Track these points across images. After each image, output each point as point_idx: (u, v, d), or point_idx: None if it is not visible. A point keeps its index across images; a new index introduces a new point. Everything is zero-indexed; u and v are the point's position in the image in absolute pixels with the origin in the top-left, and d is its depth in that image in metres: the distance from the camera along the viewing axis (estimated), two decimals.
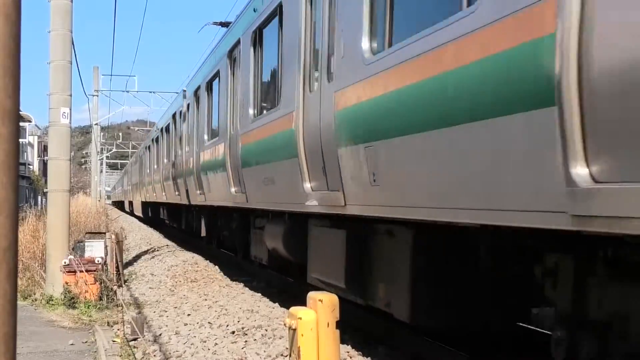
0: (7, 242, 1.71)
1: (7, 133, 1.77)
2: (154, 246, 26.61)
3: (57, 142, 14.67)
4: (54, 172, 14.66)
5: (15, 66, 1.89)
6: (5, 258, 1.71)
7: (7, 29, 1.84)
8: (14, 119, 1.83)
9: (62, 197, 14.55)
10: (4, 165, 1.76)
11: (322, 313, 4.40)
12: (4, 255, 1.71)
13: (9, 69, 1.86)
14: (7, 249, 1.72)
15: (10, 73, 1.88)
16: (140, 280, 17.49)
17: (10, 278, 1.75)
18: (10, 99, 1.84)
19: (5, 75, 1.85)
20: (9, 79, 1.87)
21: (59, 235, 14.27)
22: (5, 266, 1.71)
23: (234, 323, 10.96)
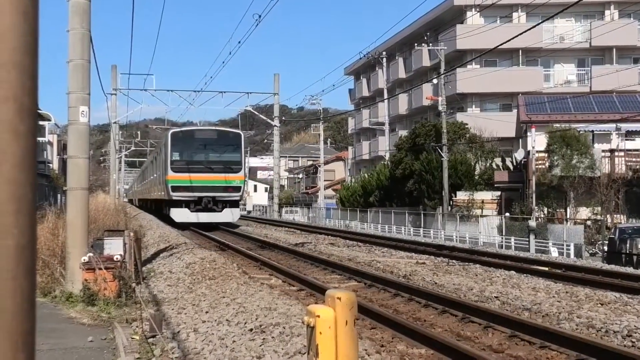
0: (25, 240, 1.71)
1: (25, 130, 1.77)
2: (172, 244, 26.70)
3: (76, 141, 14.75)
4: (73, 170, 14.74)
5: (32, 64, 1.89)
6: (23, 255, 1.71)
7: (24, 26, 1.84)
8: (32, 117, 1.84)
9: (81, 195, 14.63)
10: (23, 163, 1.76)
11: (341, 311, 4.39)
12: (22, 252, 1.71)
13: (26, 66, 1.87)
14: (26, 247, 1.72)
15: (28, 71, 1.88)
16: (159, 278, 17.54)
17: (29, 275, 1.76)
18: (28, 97, 1.84)
19: (23, 72, 1.85)
20: (27, 77, 1.87)
21: (78, 233, 14.35)
22: (23, 263, 1.71)
23: (252, 320, 10.97)
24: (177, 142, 39.40)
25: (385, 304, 14.53)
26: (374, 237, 35.90)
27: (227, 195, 39.09)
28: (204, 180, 38.48)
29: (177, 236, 31.17)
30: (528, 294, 14.99)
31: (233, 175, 39.17)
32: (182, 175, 38.30)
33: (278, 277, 18.69)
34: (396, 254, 25.82)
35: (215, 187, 38.69)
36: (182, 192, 38.35)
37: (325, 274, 19.74)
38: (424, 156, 49.20)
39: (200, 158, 39.25)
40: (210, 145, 39.75)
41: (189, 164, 38.87)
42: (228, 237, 34.04)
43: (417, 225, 45.74)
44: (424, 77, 63.80)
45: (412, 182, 50.25)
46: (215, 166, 39.13)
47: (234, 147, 39.94)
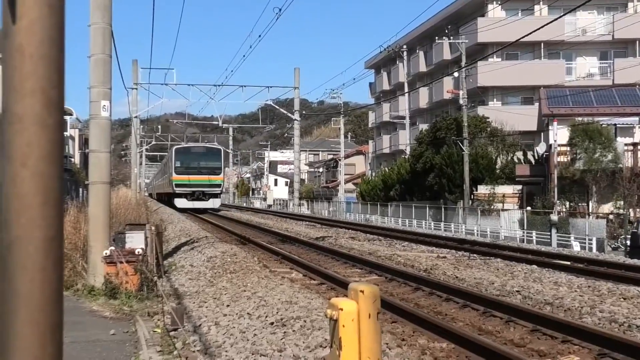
0: (53, 232, 1.72)
1: (52, 124, 1.78)
2: (193, 238, 26.79)
3: (98, 135, 14.83)
4: (94, 164, 14.82)
5: (59, 56, 1.89)
6: (52, 247, 1.72)
7: (51, 19, 1.85)
8: (59, 110, 1.84)
9: (102, 189, 14.71)
10: (50, 156, 1.77)
11: (364, 304, 4.38)
12: (51, 244, 1.72)
13: (53, 59, 1.87)
14: (54, 239, 1.73)
15: (54, 64, 1.88)
16: (180, 272, 17.61)
17: (57, 267, 1.76)
18: (55, 90, 1.85)
19: (50, 65, 1.85)
20: (54, 70, 1.87)
21: (99, 227, 14.43)
22: (51, 256, 1.72)
23: (273, 314, 10.99)
24: (178, 154, 59.70)
25: (406, 297, 14.51)
26: (394, 231, 35.86)
27: (211, 189, 59.41)
28: (196, 180, 58.34)
29: (198, 230, 31.28)
30: (550, 288, 14.92)
31: (215, 177, 59.49)
32: (182, 177, 58.30)
33: (299, 270, 18.71)
34: (417, 248, 25.77)
35: (203, 184, 58.77)
36: (182, 188, 58.39)
37: (345, 268, 19.74)
38: (445, 150, 49.04)
39: (194, 165, 59.02)
40: (200, 157, 60.05)
41: (186, 169, 58.74)
42: (248, 231, 34.13)
43: (437, 220, 45.61)
44: (444, 71, 63.55)
45: (432, 176, 50.11)
46: (203, 170, 58.82)
47: (216, 157, 60.58)
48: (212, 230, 34.98)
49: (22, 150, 1.76)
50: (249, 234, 31.12)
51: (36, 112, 1.81)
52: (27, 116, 1.81)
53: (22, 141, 1.77)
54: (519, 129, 51.90)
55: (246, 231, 34.06)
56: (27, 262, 1.77)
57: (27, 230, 1.73)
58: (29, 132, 1.79)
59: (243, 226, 39.25)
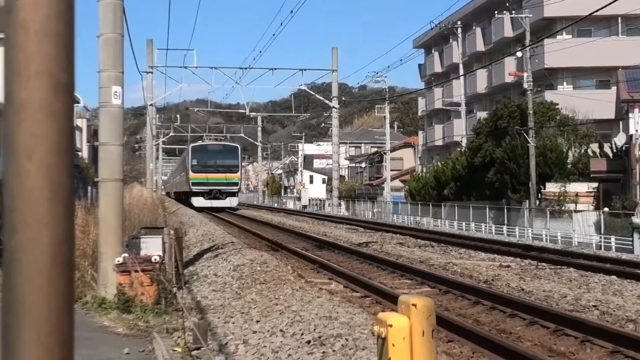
0: (63, 234, 1.72)
1: (61, 110, 1.78)
2: (218, 243, 26.93)
3: (109, 126, 14.94)
4: (105, 158, 14.94)
5: (68, 34, 1.90)
6: (61, 252, 1.71)
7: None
8: (69, 95, 1.85)
9: (114, 187, 14.82)
10: (58, 146, 1.77)
11: (416, 320, 4.36)
12: (59, 248, 1.72)
13: (62, 37, 1.87)
14: (63, 242, 1.73)
15: (63, 42, 1.88)
16: (203, 282, 17.71)
17: (67, 275, 1.77)
18: (64, 72, 1.85)
19: (58, 44, 1.85)
20: (62, 49, 1.87)
21: (111, 231, 14.54)
22: (61, 261, 1.72)
23: (309, 331, 11.00)
24: (195, 152, 67.78)
25: (464, 313, 14.44)
26: (449, 235, 35.72)
27: (228, 188, 66.80)
28: (213, 178, 65.54)
29: (223, 234, 31.44)
30: (632, 303, 14.76)
31: (232, 175, 66.74)
32: (199, 175, 65.79)
33: (339, 281, 18.72)
34: (475, 256, 25.64)
35: (221, 182, 66.05)
36: (199, 186, 65.83)
37: (393, 278, 19.71)
38: (507, 142, 48.71)
39: (211, 163, 66.64)
40: (217, 155, 67.65)
41: (203, 167, 66.35)
42: (280, 236, 34.23)
43: (499, 222, 45.35)
44: (505, 50, 63.10)
45: (493, 171, 49.82)
46: (220, 168, 66.21)
47: (233, 155, 68.31)
48: (239, 234, 35.14)
49: (27, 141, 1.77)
50: (281, 239, 31.22)
51: (42, 98, 1.81)
52: (32, 102, 1.81)
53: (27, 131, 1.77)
54: (593, 117, 51.40)
55: (278, 236, 34.16)
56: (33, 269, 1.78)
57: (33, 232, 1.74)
58: (34, 121, 1.80)
59: (274, 230, 39.39)
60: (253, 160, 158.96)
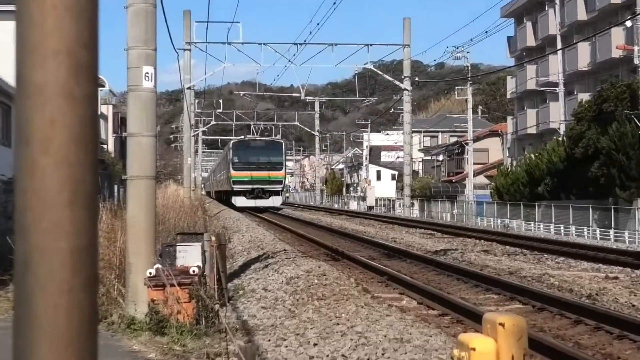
0: (84, 241, 1.72)
1: (83, 95, 1.79)
2: (268, 251, 27.05)
3: (139, 113, 15.07)
4: (135, 152, 15.07)
5: (92, 6, 1.91)
6: (82, 262, 1.72)
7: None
8: (92, 77, 1.86)
9: (145, 186, 14.95)
10: (80, 138, 1.78)
11: (505, 341, 4.33)
12: (80, 257, 1.72)
13: (84, 9, 1.88)
14: (85, 250, 1.73)
15: (85, 16, 1.89)
16: (250, 298, 17.80)
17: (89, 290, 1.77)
18: (86, 50, 1.86)
19: (80, 17, 1.86)
20: (84, 24, 1.88)
21: (142, 237, 14.66)
22: (82, 273, 1.72)
23: (376, 356, 10.99)
24: (237, 149, 75.86)
25: (563, 334, 14.32)
26: (544, 241, 35.47)
27: (271, 186, 74.52)
28: (256, 176, 72.96)
29: (273, 241, 31.59)
30: None
31: (276, 172, 74.61)
32: (241, 173, 73.34)
33: (411, 296, 18.69)
34: (576, 265, 25.42)
35: (263, 180, 73.50)
36: (241, 185, 73.62)
37: (476, 293, 19.62)
38: (615, 129, 48.13)
39: (253, 160, 74.33)
40: (260, 151, 75.62)
41: (245, 164, 73.92)
42: (342, 243, 34.30)
43: (605, 225, 44.88)
44: (612, 19, 62.35)
45: (597, 165, 49.27)
46: (263, 166, 73.96)
47: (277, 152, 76.81)
48: (293, 240, 35.27)
49: (43, 132, 1.78)
50: (342, 247, 31.28)
51: (61, 80, 1.82)
52: (49, 85, 1.83)
53: (42, 119, 1.79)
54: None
55: (339, 242, 34.23)
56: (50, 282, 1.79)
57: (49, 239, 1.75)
58: (51, 107, 1.81)
59: (334, 235, 39.49)
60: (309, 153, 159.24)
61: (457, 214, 68.06)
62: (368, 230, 43.32)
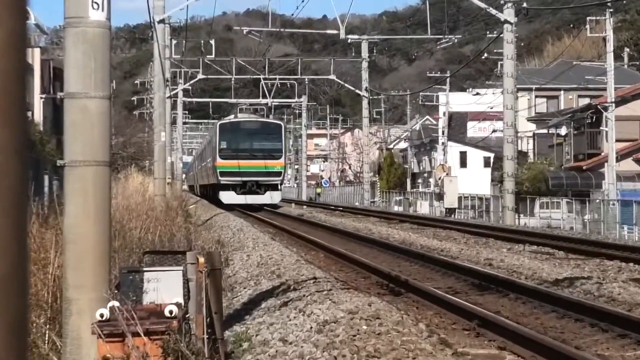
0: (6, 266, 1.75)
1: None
2: (288, 279, 27.09)
3: (83, 62, 15.07)
4: (77, 124, 15.07)
5: None
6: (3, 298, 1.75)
7: None
8: (16, 17, 1.90)
9: (94, 177, 14.91)
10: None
11: None
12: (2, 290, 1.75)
13: None
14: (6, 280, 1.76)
15: None
16: (260, 355, 17.87)
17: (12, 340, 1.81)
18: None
19: None
20: None
21: (88, 258, 14.67)
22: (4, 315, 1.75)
23: None
24: (224, 132, 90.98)
25: None
26: None
27: (268, 179, 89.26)
28: (249, 166, 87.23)
29: (296, 263, 31.52)
30: None
31: (273, 162, 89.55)
32: (229, 162, 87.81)
33: (518, 353, 18.68)
34: None
35: (258, 172, 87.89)
36: (230, 177, 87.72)
37: (623, 347, 19.57)
38: None
39: (245, 146, 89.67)
40: (253, 135, 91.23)
41: (235, 151, 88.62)
42: (404, 266, 34.34)
43: None
44: None
45: None
46: (258, 153, 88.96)
47: (275, 136, 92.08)
48: (327, 262, 35.27)
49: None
50: (405, 273, 31.22)
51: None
52: None
53: None
54: None
55: (400, 266, 34.20)
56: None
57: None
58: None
59: (393, 255, 39.30)
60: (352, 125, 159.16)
61: (591, 221, 67.89)
62: (446, 246, 43.06)
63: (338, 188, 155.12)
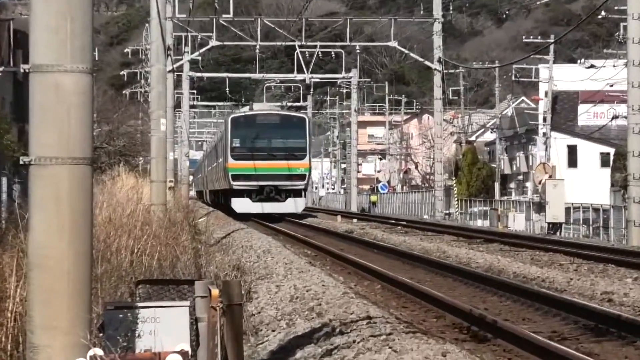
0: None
1: None
2: (332, 318, 27.15)
3: (55, 22, 15.09)
4: (47, 108, 15.08)
5: None
6: None
7: None
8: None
9: (70, 180, 14.91)
10: None
11: None
12: None
13: None
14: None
15: None
16: None
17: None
18: None
19: None
20: None
21: (62, 289, 14.70)
22: None
23: None
24: (237, 127, 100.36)
25: None
26: None
27: (290, 183, 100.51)
28: (267, 167, 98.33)
29: (343, 297, 31.61)
30: None
31: (297, 163, 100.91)
32: (243, 163, 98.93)
33: None
34: None
35: (278, 174, 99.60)
36: (243, 181, 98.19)
37: None
38: None
39: (262, 144, 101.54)
40: (272, 130, 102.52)
41: (250, 150, 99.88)
42: (490, 301, 34.40)
43: None
44: None
45: None
46: (278, 152, 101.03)
47: (298, 131, 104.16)
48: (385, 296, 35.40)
49: None
50: (492, 310, 31.25)
51: None
52: None
53: None
54: None
55: (485, 301, 34.20)
56: None
57: None
58: None
59: (473, 286, 39.33)
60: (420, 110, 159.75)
61: None
62: (548, 275, 42.99)
63: (400, 195, 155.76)
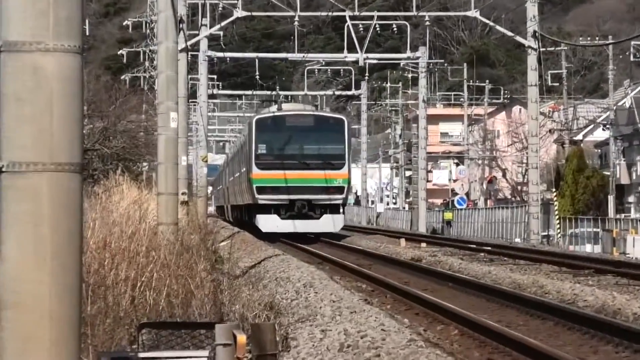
0: None
1: None
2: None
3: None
4: (23, 98, 15.06)
5: None
6: None
7: None
8: None
9: (53, 191, 14.90)
10: None
11: None
12: None
13: None
14: None
15: None
16: None
17: None
18: None
19: None
20: None
21: (42, 335, 14.70)
22: None
23: None
24: (263, 129, 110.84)
25: None
26: None
27: (327, 197, 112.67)
28: (298, 178, 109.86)
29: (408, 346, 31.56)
30: None
31: (334, 173, 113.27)
32: (269, 173, 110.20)
33: None
34: None
35: (312, 187, 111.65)
36: (270, 195, 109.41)
37: None
38: None
39: (292, 151, 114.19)
40: (304, 134, 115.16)
41: (278, 158, 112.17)
42: (604, 351, 34.55)
43: None
44: None
45: None
46: (311, 161, 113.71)
47: (335, 136, 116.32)
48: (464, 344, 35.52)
49: None
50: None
51: None
52: None
53: None
54: None
55: (596, 351, 34.25)
56: None
57: None
58: None
59: (581, 332, 39.26)
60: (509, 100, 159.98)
61: None
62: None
63: (483, 212, 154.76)
